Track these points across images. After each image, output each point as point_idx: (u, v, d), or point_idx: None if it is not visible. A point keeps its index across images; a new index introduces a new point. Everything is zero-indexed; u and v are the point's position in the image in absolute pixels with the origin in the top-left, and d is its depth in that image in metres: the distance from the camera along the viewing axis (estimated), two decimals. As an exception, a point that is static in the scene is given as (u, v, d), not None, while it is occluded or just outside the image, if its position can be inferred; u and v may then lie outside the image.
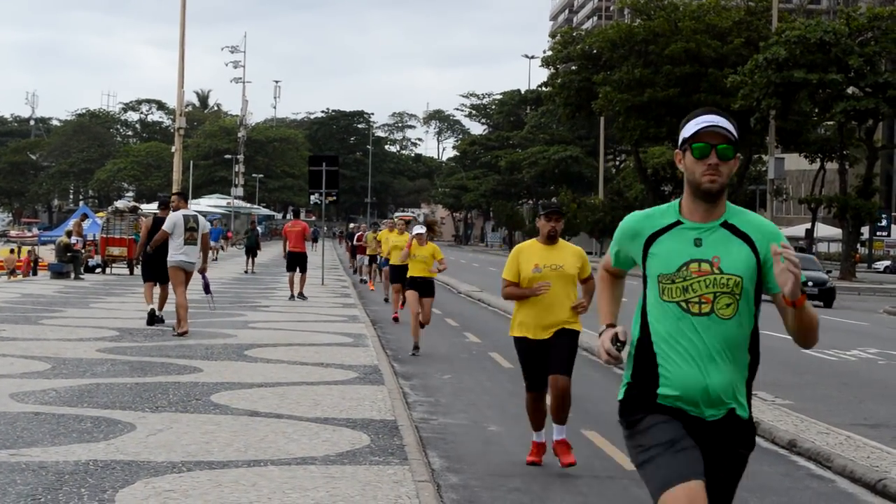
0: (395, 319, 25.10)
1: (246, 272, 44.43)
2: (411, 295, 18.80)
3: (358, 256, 42.66)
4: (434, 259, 18.85)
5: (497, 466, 10.27)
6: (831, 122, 64.01)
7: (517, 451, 10.92)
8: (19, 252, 53.64)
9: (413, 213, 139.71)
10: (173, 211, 20.02)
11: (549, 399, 10.06)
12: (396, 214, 59.13)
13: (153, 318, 20.58)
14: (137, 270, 32.24)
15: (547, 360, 9.94)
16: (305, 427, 10.83)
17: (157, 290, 20.76)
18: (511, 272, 10.09)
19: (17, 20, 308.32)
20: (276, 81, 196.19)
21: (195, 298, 22.90)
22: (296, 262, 29.96)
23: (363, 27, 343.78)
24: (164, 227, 19.50)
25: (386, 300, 30.50)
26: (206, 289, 21.65)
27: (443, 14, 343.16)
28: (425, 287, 18.93)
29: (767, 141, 64.56)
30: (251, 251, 46.00)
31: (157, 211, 22.46)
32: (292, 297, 29.56)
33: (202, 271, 19.98)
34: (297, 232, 30.65)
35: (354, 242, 42.96)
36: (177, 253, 19.20)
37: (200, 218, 19.94)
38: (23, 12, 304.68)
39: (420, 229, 19.26)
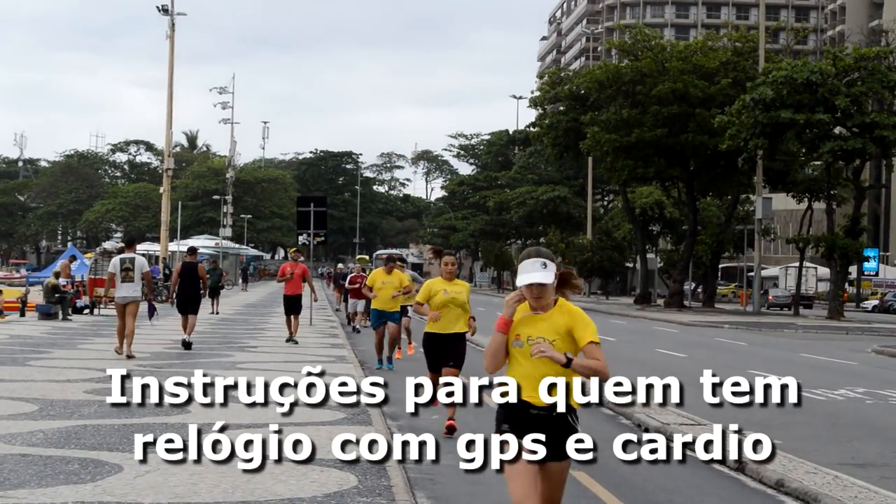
0: (451, 429, 13.90)
1: (215, 313, 42.89)
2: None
3: (351, 301, 37.40)
4: (575, 340, 7.15)
5: (485, 507, 10.25)
6: (818, 162, 64.25)
7: (505, 492, 10.89)
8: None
9: (401, 252, 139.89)
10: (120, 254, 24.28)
11: None
12: (381, 252, 57.85)
13: (186, 345, 24.51)
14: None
15: None
16: (293, 468, 10.80)
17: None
18: None
19: (4, 61, 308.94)
20: (265, 122, 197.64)
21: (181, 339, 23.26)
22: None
23: (349, 67, 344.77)
24: (109, 269, 23.38)
25: (380, 362, 23.21)
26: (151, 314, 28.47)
27: (429, 54, 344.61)
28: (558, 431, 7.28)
29: (755, 181, 64.81)
30: (214, 292, 43.58)
31: (187, 257, 26.66)
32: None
33: (148, 300, 25.12)
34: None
35: (347, 286, 37.42)
36: (117, 290, 22.86)
37: (137, 259, 23.37)
38: (9, 53, 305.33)
39: (546, 275, 7.03)
